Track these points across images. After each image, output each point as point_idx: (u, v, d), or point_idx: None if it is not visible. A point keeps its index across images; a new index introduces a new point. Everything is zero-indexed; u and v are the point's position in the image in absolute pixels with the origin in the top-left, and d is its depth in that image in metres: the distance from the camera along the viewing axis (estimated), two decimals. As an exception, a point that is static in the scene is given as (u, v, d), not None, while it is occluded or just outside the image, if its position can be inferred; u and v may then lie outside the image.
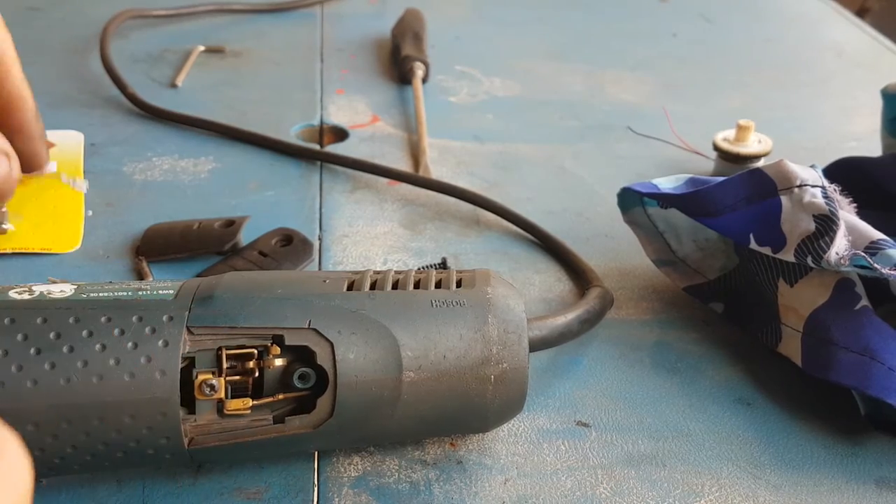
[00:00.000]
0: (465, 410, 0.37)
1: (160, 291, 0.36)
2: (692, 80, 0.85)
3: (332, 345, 0.35)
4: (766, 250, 0.45)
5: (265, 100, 0.74)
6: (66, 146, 0.64)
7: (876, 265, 0.41)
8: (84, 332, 0.33)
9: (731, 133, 0.66)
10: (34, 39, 0.82)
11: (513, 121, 0.74)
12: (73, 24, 0.86)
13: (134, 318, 0.34)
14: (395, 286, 0.38)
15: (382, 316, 0.36)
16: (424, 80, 0.78)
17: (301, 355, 0.35)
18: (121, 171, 0.62)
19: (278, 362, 0.35)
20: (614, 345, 0.49)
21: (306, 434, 0.35)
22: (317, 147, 0.67)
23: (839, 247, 0.42)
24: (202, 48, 0.81)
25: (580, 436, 0.43)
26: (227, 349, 0.35)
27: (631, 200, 0.52)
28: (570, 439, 0.42)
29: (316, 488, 0.39)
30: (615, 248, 0.57)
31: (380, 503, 0.38)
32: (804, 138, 0.74)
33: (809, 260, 0.43)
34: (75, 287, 0.36)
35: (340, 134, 0.71)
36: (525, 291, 0.53)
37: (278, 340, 0.35)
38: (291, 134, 0.69)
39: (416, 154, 0.67)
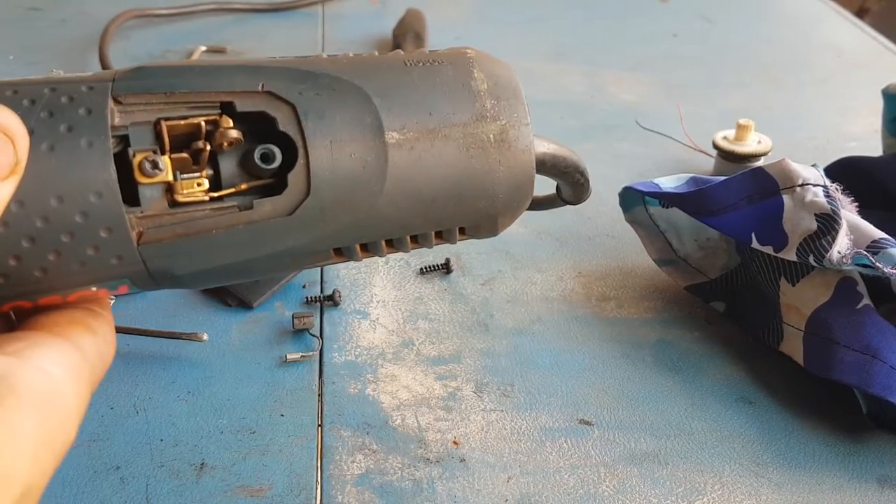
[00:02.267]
0: (468, 183, 0.31)
1: (78, 74, 0.29)
2: (693, 79, 0.85)
3: (293, 107, 0.29)
4: (768, 249, 0.45)
5: (266, 99, 0.74)
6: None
7: (878, 264, 0.41)
8: None
9: (730, 132, 0.66)
10: (35, 39, 0.83)
11: (514, 120, 0.74)
12: (75, 24, 0.86)
13: (45, 90, 0.27)
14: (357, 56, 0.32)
15: (348, 74, 0.30)
16: (425, 80, 0.78)
17: (258, 128, 0.29)
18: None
19: (233, 135, 0.29)
20: (616, 343, 0.49)
21: (281, 222, 0.29)
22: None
23: (841, 246, 0.42)
24: (204, 48, 0.81)
25: (583, 434, 0.43)
26: (166, 121, 0.28)
27: (632, 200, 0.52)
28: (573, 437, 0.43)
29: (319, 486, 0.39)
30: (617, 248, 0.57)
31: (383, 501, 0.38)
32: (804, 138, 0.74)
33: (811, 259, 0.43)
34: None
35: (342, 133, 0.71)
36: (527, 290, 0.53)
37: (228, 109, 0.29)
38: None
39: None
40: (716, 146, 0.65)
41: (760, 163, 0.64)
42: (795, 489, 0.41)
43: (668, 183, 0.50)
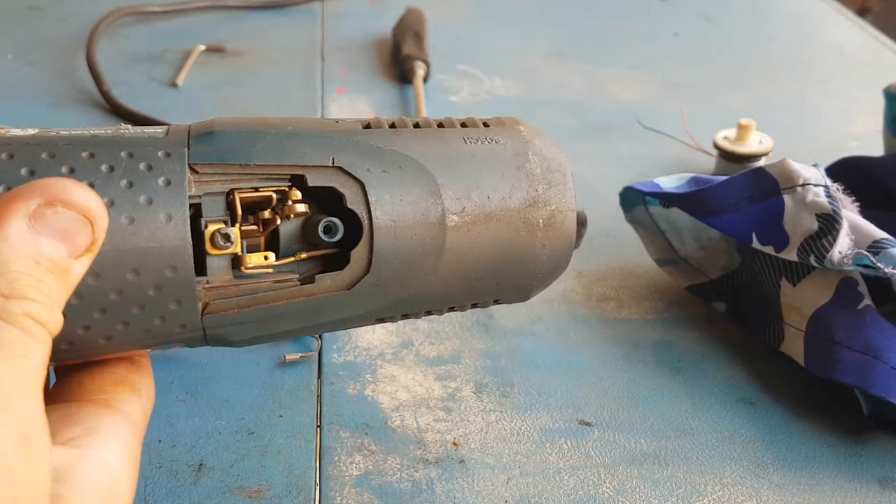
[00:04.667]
0: (513, 264, 0.32)
1: (146, 130, 0.29)
2: (693, 79, 0.85)
3: (362, 185, 0.29)
4: (769, 249, 0.45)
5: (266, 99, 0.74)
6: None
7: (879, 264, 0.41)
8: (63, 169, 0.26)
9: (731, 132, 0.65)
10: (35, 39, 0.82)
11: (514, 120, 0.74)
12: (74, 23, 0.86)
13: (122, 154, 0.27)
14: (416, 127, 0.33)
15: (414, 152, 0.31)
16: (425, 80, 0.78)
17: (324, 202, 0.30)
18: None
19: (300, 209, 0.29)
20: (617, 344, 0.49)
21: (339, 297, 0.30)
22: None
23: (842, 246, 0.42)
24: (203, 48, 0.81)
25: (583, 435, 0.43)
26: (239, 192, 0.28)
27: (633, 199, 0.52)
28: (573, 438, 0.42)
29: (318, 487, 0.39)
30: (617, 248, 0.57)
31: (382, 502, 0.38)
32: (805, 138, 0.74)
33: (812, 259, 0.43)
34: (38, 130, 0.28)
35: (341, 133, 0.71)
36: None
37: (298, 182, 0.29)
38: (292, 133, 0.69)
39: (417, 153, 0.67)
40: (717, 146, 0.65)
41: (761, 163, 0.64)
42: (796, 490, 0.40)
43: (669, 183, 0.49)
